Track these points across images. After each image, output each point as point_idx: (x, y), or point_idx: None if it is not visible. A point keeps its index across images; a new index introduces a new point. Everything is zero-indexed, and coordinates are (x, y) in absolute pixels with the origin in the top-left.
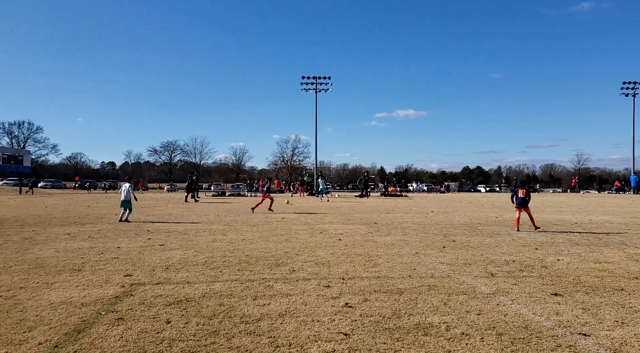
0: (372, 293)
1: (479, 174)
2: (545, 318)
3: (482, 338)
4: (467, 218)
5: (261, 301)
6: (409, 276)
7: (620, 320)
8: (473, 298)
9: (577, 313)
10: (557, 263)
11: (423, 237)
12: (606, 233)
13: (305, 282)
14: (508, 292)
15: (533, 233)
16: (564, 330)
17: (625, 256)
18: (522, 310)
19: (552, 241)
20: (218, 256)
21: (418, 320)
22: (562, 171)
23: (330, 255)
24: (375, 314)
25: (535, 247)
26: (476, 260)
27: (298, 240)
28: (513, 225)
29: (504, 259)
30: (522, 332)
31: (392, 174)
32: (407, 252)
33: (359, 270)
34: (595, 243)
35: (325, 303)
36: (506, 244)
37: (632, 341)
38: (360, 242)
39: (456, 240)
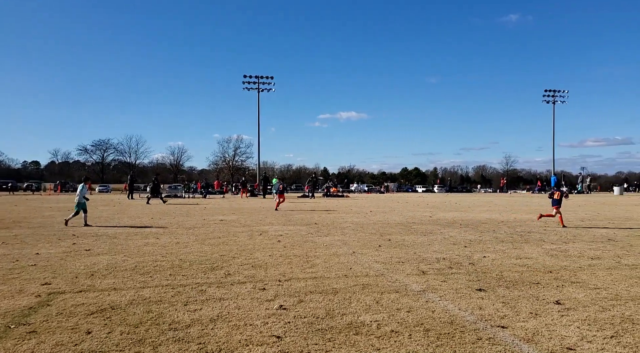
0: (307, 294)
1: (416, 174)
2: (469, 313)
3: (410, 335)
4: (403, 218)
5: (192, 306)
6: (345, 276)
7: (534, 311)
8: (404, 295)
9: (497, 307)
10: (483, 260)
11: (361, 236)
12: (528, 231)
13: (240, 286)
14: (437, 289)
15: (463, 231)
16: (485, 323)
17: (542, 252)
18: (449, 306)
19: (480, 239)
20: (149, 260)
21: (350, 319)
22: (493, 172)
23: (268, 257)
24: (309, 315)
25: (464, 244)
26: (409, 259)
27: (236, 242)
28: (447, 224)
29: (435, 257)
30: (447, 327)
31: (335, 174)
32: (345, 252)
33: (296, 272)
34: (518, 240)
35: (259, 307)
36: (438, 242)
37: (543, 331)
38: (300, 243)
39: (392, 239)
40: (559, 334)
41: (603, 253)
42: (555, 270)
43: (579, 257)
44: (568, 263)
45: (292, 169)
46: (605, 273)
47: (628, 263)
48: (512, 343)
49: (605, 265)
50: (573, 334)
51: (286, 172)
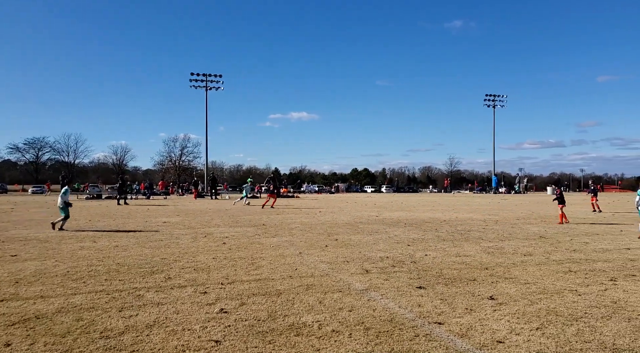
0: (250, 297)
1: (366, 175)
2: (409, 310)
3: (351, 334)
4: (351, 218)
5: (128, 312)
6: (290, 277)
7: (469, 307)
8: (347, 295)
9: (436, 303)
10: (425, 258)
11: (308, 237)
12: (468, 230)
13: (180, 290)
14: (379, 288)
15: (407, 230)
16: (423, 320)
17: (480, 249)
18: (390, 304)
19: (422, 237)
20: (83, 265)
21: (292, 320)
22: (438, 173)
23: (212, 259)
24: (250, 318)
25: (408, 243)
26: (354, 258)
27: (178, 245)
28: (393, 223)
29: (380, 256)
30: (387, 325)
31: (286, 174)
32: (291, 253)
33: (240, 274)
34: (458, 238)
35: (199, 311)
36: (383, 241)
37: (476, 326)
38: (246, 244)
39: (339, 239)
40: (490, 328)
41: (534, 250)
42: (491, 267)
43: (513, 254)
44: (503, 260)
45: (242, 169)
46: (535, 269)
47: (555, 259)
48: (447, 339)
49: (536, 261)
50: (503, 328)
51: (236, 172)
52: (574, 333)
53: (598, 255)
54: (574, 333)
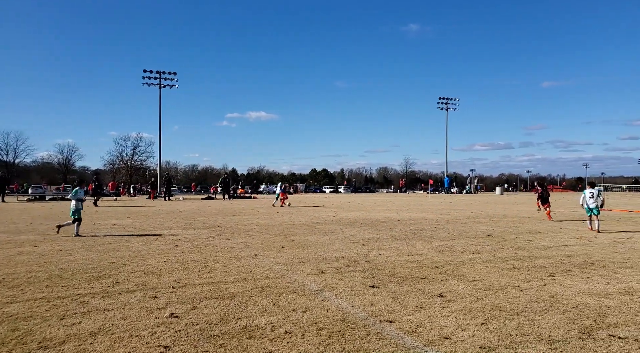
0: (202, 301)
1: (324, 175)
2: (361, 309)
3: (304, 335)
4: (308, 218)
5: (70, 320)
6: (244, 279)
7: (419, 305)
8: (302, 296)
9: (387, 302)
10: (379, 257)
11: (265, 238)
12: (421, 229)
13: (128, 295)
14: (334, 287)
15: (363, 230)
16: (375, 319)
17: (432, 248)
18: (343, 304)
19: (377, 237)
20: (22, 272)
21: (245, 323)
22: (394, 173)
23: (164, 263)
24: (201, 322)
25: (363, 243)
26: (310, 259)
27: (128, 248)
28: (349, 223)
29: (335, 256)
30: (339, 324)
31: (244, 175)
32: (246, 255)
33: (193, 277)
34: (411, 237)
35: (148, 316)
36: (339, 241)
37: (425, 323)
38: (199, 247)
39: (295, 239)
40: (438, 325)
41: (482, 248)
42: (441, 265)
43: (462, 252)
44: (452, 258)
45: (197, 169)
46: (482, 266)
47: (501, 256)
48: (397, 337)
49: (483, 259)
50: (450, 324)
51: (191, 172)
52: (514, 327)
53: (540, 252)
54: (514, 327)
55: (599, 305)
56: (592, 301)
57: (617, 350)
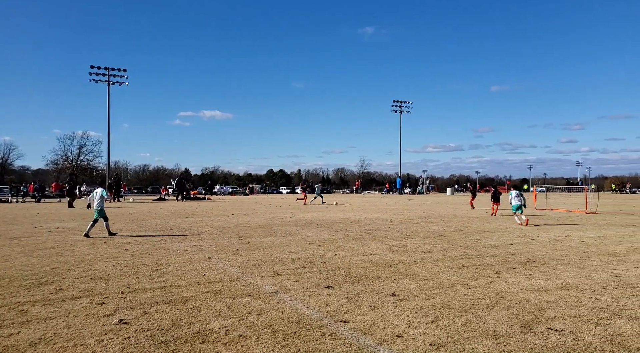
0: (153, 306)
1: (281, 176)
2: (316, 310)
3: (258, 338)
4: (264, 220)
5: (7, 330)
6: (197, 283)
7: (373, 304)
8: (257, 298)
9: (342, 302)
10: (334, 258)
11: (219, 241)
12: (375, 229)
13: (73, 301)
14: (289, 289)
15: (319, 231)
16: (330, 319)
17: (385, 248)
18: (299, 305)
19: (333, 238)
20: None
21: (198, 327)
22: (350, 174)
23: (112, 267)
24: (153, 328)
25: (319, 244)
26: (266, 261)
27: (73, 253)
28: (306, 224)
29: (291, 257)
30: (294, 326)
31: (197, 175)
32: (200, 258)
33: (143, 282)
34: (366, 238)
35: (95, 323)
36: (295, 243)
37: (378, 322)
38: (150, 250)
39: (251, 242)
40: (391, 324)
41: (433, 247)
42: (394, 264)
43: (414, 252)
44: (405, 257)
45: (149, 169)
46: (433, 265)
47: (451, 255)
48: (351, 336)
49: (434, 258)
50: (403, 322)
51: (142, 173)
52: (462, 323)
53: (487, 251)
54: (462, 323)
55: (539, 300)
56: (533, 297)
57: (554, 342)
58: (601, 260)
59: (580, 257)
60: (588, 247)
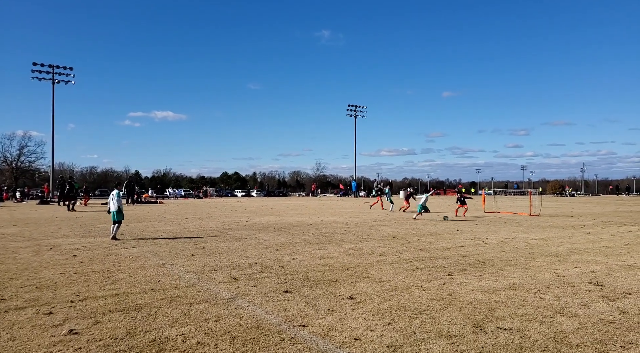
0: (105, 314)
1: (236, 179)
2: (275, 315)
3: (217, 345)
4: (219, 224)
5: None
6: (152, 289)
7: (331, 308)
8: (214, 305)
9: (301, 306)
10: (292, 262)
11: (173, 246)
12: (332, 232)
13: (17, 312)
14: (247, 295)
15: (276, 235)
16: (288, 324)
17: (342, 251)
18: (257, 310)
19: (290, 241)
20: None
21: (154, 336)
22: (306, 177)
23: (60, 275)
24: (105, 337)
25: (276, 248)
26: (222, 266)
27: (15, 260)
28: (262, 228)
29: (248, 262)
30: (253, 332)
31: (148, 178)
32: (154, 264)
33: (94, 290)
34: (323, 241)
35: (42, 334)
36: (252, 247)
37: (337, 325)
38: (101, 256)
39: (206, 246)
40: (349, 327)
41: (388, 250)
42: (351, 267)
43: (370, 254)
44: (361, 260)
45: (96, 171)
46: (389, 268)
47: (406, 257)
48: (310, 340)
49: (389, 260)
50: (360, 325)
51: (89, 175)
52: (418, 325)
53: (439, 253)
54: (418, 325)
55: (489, 300)
56: (483, 297)
57: (503, 341)
58: (544, 261)
59: (526, 258)
60: (533, 248)
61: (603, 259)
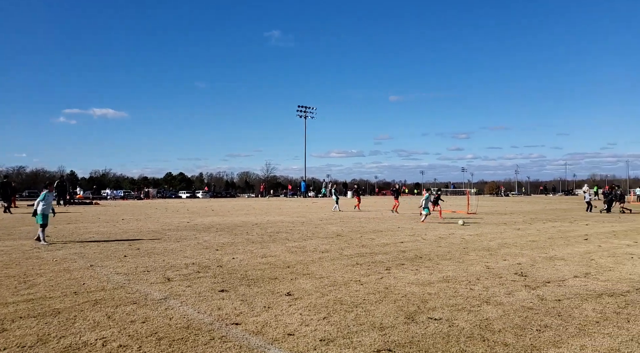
0: (15, 321)
1: (181, 180)
2: (207, 314)
3: (140, 347)
4: (159, 225)
5: None
6: (75, 293)
7: (267, 305)
8: (143, 306)
9: (236, 305)
10: (232, 261)
11: (104, 247)
12: (277, 232)
13: None
14: (180, 295)
15: (218, 235)
16: (221, 322)
17: (285, 249)
18: (189, 310)
19: (232, 241)
20: None
21: (70, 341)
22: (256, 178)
23: None
24: (11, 346)
25: (216, 248)
26: (157, 267)
27: None
28: (204, 228)
29: (185, 263)
30: (182, 332)
31: (85, 179)
32: (80, 266)
33: (5, 295)
34: (267, 240)
35: None
36: (190, 248)
37: (271, 322)
38: (19, 260)
39: (141, 247)
40: (284, 323)
41: (331, 247)
42: (292, 265)
43: (313, 252)
44: (304, 257)
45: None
46: (330, 264)
47: (347, 254)
48: (242, 338)
49: (331, 257)
50: (295, 321)
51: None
52: (353, 318)
53: (380, 249)
54: (353, 318)
55: (423, 292)
56: (417, 290)
57: (432, 330)
58: (477, 255)
59: (460, 252)
60: (467, 243)
61: (529, 252)
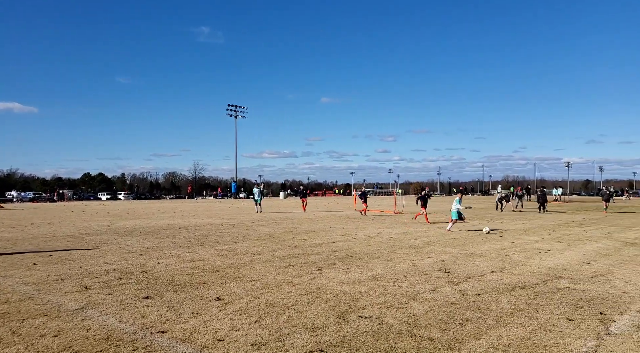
0: None
1: (101, 180)
2: (130, 323)
3: None
4: (75, 229)
5: None
6: None
7: (196, 311)
8: (55, 318)
9: (162, 312)
10: (157, 266)
11: (9, 255)
12: (205, 235)
13: None
14: (99, 304)
15: (142, 239)
16: (145, 331)
17: (215, 252)
18: (109, 320)
19: (158, 245)
20: None
21: None
22: (183, 179)
23: None
24: None
25: (140, 252)
26: (72, 275)
27: None
28: (127, 232)
29: (105, 269)
30: (102, 344)
31: None
32: None
33: None
34: (195, 243)
35: None
36: (112, 253)
37: (200, 328)
38: None
39: (54, 255)
40: (213, 328)
41: (263, 249)
42: (222, 268)
43: (244, 254)
44: (234, 261)
45: None
46: (262, 266)
47: (279, 255)
48: (169, 346)
49: (263, 259)
50: (226, 326)
51: None
52: (285, 320)
53: (312, 249)
54: (285, 320)
55: (354, 291)
56: (349, 289)
57: (363, 328)
58: (404, 253)
59: (389, 251)
60: (395, 242)
61: (451, 249)
